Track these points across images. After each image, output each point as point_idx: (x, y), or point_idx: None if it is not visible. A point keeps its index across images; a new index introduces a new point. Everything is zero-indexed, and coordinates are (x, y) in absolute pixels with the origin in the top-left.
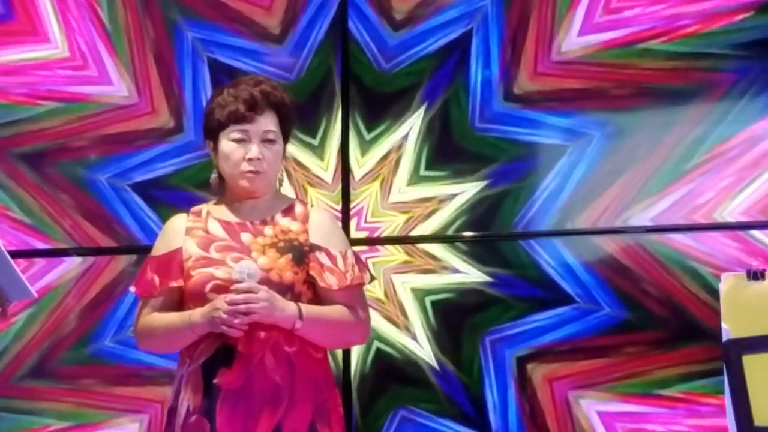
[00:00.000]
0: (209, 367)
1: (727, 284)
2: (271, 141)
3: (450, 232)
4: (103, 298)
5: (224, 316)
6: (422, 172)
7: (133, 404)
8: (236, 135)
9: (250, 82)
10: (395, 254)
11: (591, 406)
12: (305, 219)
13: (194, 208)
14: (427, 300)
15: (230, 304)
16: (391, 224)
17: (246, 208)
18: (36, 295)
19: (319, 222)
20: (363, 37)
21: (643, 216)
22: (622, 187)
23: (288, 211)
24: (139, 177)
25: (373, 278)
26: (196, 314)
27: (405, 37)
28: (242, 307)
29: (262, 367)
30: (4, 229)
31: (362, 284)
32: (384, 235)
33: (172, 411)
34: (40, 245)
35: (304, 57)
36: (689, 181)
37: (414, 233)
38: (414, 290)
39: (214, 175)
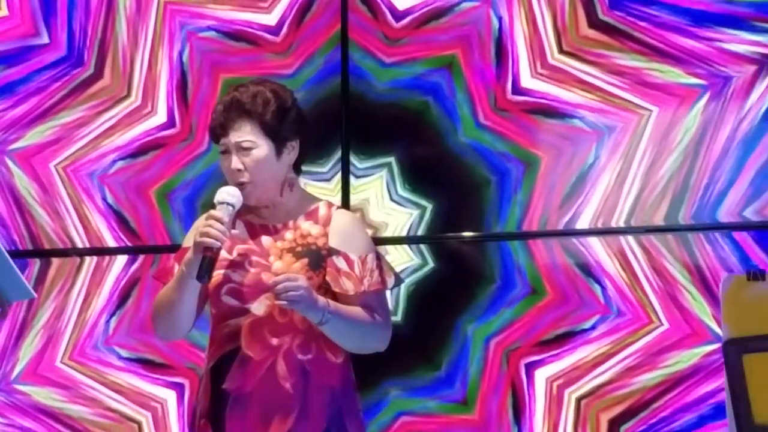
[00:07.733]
0: (218, 372)
1: (727, 284)
2: (247, 149)
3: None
4: None
5: (203, 229)
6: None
7: None
8: (221, 148)
9: (228, 94)
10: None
11: None
12: (327, 222)
13: None
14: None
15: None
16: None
17: (268, 211)
18: (35, 295)
19: (340, 225)
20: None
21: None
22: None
23: (311, 214)
24: None
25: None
26: (187, 254)
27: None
28: (283, 289)
29: (272, 373)
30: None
31: (381, 289)
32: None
33: (194, 410)
34: None
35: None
36: None
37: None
38: None
39: None
